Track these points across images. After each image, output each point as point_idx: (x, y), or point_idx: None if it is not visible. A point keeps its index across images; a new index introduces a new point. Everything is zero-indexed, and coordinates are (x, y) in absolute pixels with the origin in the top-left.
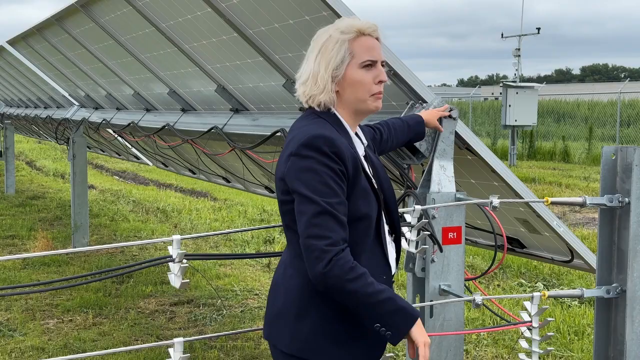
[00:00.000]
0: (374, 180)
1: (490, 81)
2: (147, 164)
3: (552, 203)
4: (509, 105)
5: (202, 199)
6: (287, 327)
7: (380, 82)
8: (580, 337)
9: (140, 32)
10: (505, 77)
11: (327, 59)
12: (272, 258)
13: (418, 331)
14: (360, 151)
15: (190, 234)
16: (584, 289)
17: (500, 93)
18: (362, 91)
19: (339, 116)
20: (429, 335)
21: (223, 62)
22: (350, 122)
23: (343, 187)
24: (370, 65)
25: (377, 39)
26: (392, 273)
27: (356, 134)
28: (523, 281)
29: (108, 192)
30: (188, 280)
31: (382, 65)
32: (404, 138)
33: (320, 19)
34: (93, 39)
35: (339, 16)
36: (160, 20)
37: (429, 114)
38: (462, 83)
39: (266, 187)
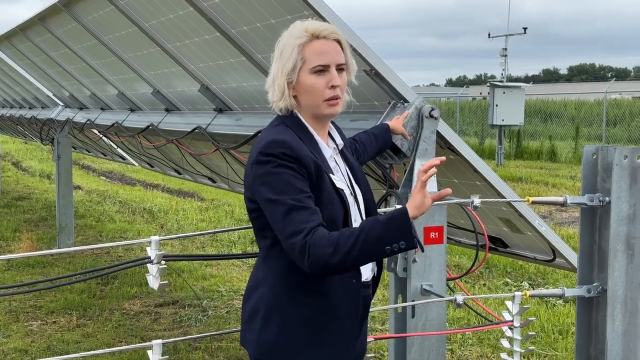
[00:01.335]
0: (344, 182)
1: (479, 81)
2: (133, 165)
3: (534, 202)
4: (496, 105)
5: (189, 199)
6: (254, 331)
7: (333, 87)
8: (565, 336)
9: (123, 32)
10: (493, 76)
11: (282, 64)
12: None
13: (416, 212)
14: (327, 154)
15: (176, 234)
16: (565, 288)
17: (488, 93)
18: (314, 97)
19: (302, 119)
20: (410, 336)
21: (206, 62)
22: (314, 125)
23: (306, 183)
24: (321, 70)
25: (337, 41)
26: (366, 277)
27: (329, 133)
28: (509, 280)
29: (94, 193)
30: (167, 282)
31: (342, 69)
32: (373, 150)
33: (301, 18)
34: (76, 38)
35: (320, 16)
36: (142, 20)
37: (395, 121)
38: (450, 83)
39: None
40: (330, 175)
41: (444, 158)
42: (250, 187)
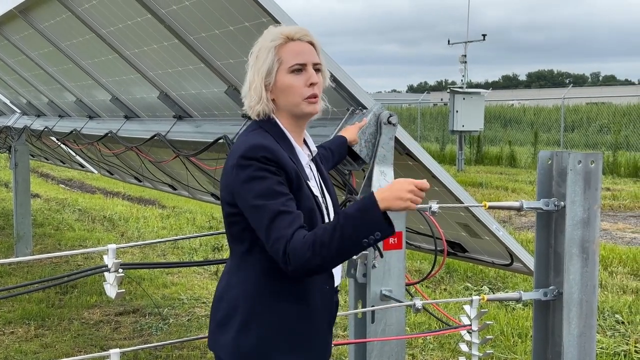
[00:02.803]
0: (318, 189)
1: (439, 87)
2: (93, 172)
3: (490, 207)
4: (456, 111)
5: (150, 206)
6: (230, 336)
7: (312, 84)
8: (524, 340)
9: (80, 39)
10: (453, 83)
11: (258, 68)
12: (219, 265)
13: (389, 204)
14: (304, 160)
15: (136, 242)
16: (522, 291)
17: (449, 99)
18: (293, 96)
19: (280, 124)
20: (370, 342)
21: (165, 69)
22: (292, 129)
23: (287, 186)
24: (299, 69)
25: (310, 43)
26: (337, 283)
27: (304, 140)
28: (469, 285)
29: (53, 201)
30: (124, 290)
31: (317, 69)
32: (329, 165)
33: (259, 25)
34: (33, 45)
35: (277, 22)
36: (100, 27)
37: (350, 133)
38: (411, 89)
39: (212, 194)
40: (308, 182)
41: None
42: (230, 190)
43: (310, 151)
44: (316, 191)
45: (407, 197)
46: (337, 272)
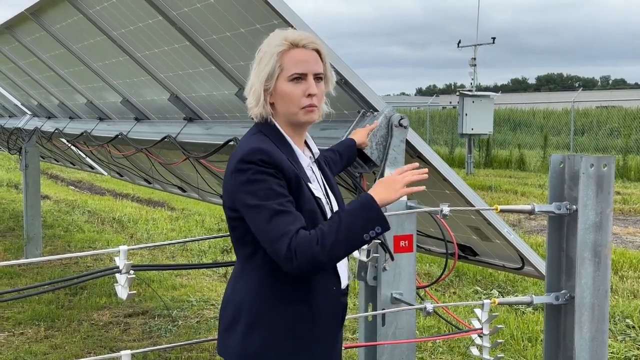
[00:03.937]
0: (321, 191)
1: (448, 90)
2: (102, 174)
3: (502, 211)
4: (466, 114)
5: (159, 208)
6: (236, 340)
7: (310, 95)
8: (534, 344)
9: (91, 41)
10: (462, 86)
11: (259, 72)
12: (228, 268)
13: (385, 197)
14: (305, 162)
15: (146, 244)
16: (533, 295)
17: (458, 102)
18: (291, 104)
19: (279, 127)
20: (380, 344)
21: (176, 71)
22: (291, 134)
23: (286, 188)
24: (299, 78)
25: (316, 50)
26: (344, 284)
27: (305, 142)
28: (479, 288)
29: (63, 203)
30: (135, 292)
31: (320, 78)
32: (337, 169)
33: (271, 27)
34: (44, 47)
35: (289, 24)
36: (111, 29)
37: (360, 135)
38: (420, 92)
39: (221, 196)
40: (308, 184)
41: (425, 170)
42: (230, 195)
43: (312, 153)
44: (318, 193)
45: (398, 185)
46: (344, 273)
